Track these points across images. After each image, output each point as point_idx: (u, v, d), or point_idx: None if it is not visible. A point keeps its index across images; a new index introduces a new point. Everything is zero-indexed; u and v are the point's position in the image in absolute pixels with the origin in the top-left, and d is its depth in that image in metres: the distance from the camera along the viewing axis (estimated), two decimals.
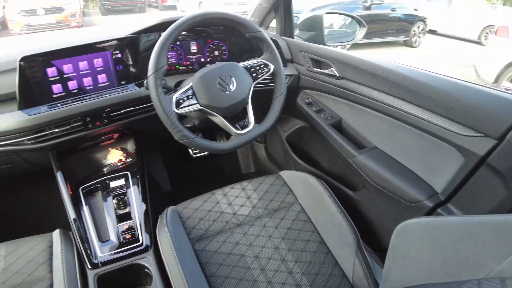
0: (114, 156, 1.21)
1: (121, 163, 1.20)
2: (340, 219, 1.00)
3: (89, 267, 0.93)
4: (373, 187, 1.09)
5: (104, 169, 1.17)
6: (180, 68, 1.27)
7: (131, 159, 1.22)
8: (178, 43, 1.23)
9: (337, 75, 1.19)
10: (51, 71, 1.03)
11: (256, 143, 1.88)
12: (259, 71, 1.05)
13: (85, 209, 1.04)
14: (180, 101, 0.92)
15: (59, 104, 1.05)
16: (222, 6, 8.23)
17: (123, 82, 1.14)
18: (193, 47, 1.25)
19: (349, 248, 0.94)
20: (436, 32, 8.52)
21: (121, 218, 1.03)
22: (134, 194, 1.08)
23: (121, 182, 1.11)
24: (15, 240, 0.99)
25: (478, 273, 0.52)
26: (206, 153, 1.67)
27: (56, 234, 1.00)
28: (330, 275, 0.92)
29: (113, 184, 1.10)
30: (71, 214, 1.02)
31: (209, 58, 1.29)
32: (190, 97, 0.94)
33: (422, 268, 0.63)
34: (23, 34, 6.85)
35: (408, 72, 0.99)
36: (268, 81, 1.14)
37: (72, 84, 1.07)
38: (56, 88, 1.05)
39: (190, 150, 1.67)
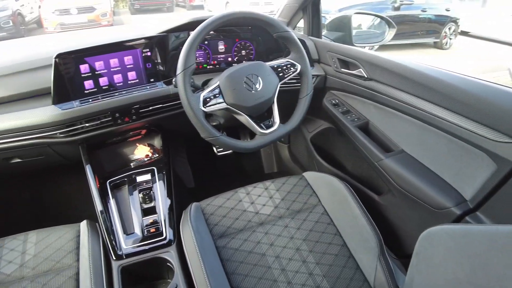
0: (141, 152, 1.24)
1: (148, 158, 1.23)
2: (363, 222, 0.98)
3: (114, 258, 0.96)
4: (398, 191, 1.06)
5: (131, 164, 1.21)
6: (208, 67, 1.28)
7: (157, 155, 1.25)
8: (206, 42, 1.25)
9: (365, 76, 1.17)
10: (83, 68, 1.07)
11: (279, 143, 1.87)
12: (286, 71, 1.05)
13: (112, 202, 1.07)
14: (207, 99, 0.94)
15: (90, 100, 1.09)
16: (249, 6, 8.25)
17: (152, 80, 1.16)
18: (221, 47, 1.27)
19: (372, 253, 0.92)
20: (469, 33, 8.19)
21: (146, 212, 1.06)
22: (159, 189, 1.11)
23: (147, 177, 1.14)
24: (45, 228, 1.04)
25: (508, 285, 0.49)
26: (230, 151, 1.68)
27: (84, 224, 1.03)
28: (351, 279, 0.90)
29: (139, 178, 1.13)
30: (98, 206, 1.06)
31: (236, 58, 1.30)
32: (217, 95, 0.95)
33: (447, 277, 0.61)
34: (57, 33, 7.15)
35: (439, 74, 0.96)
36: (294, 81, 1.14)
37: (103, 81, 1.11)
38: (88, 84, 1.09)
39: (214, 148, 1.69)
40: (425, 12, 6.71)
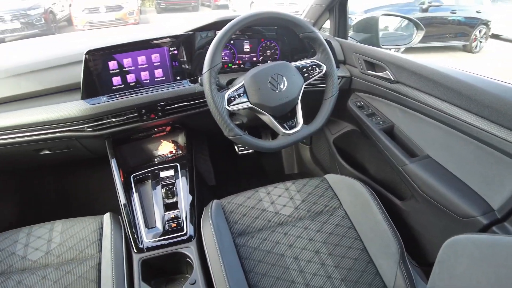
0: (165, 148, 1.27)
1: (171, 154, 1.25)
2: (385, 228, 0.97)
3: (135, 250, 0.98)
4: (422, 197, 1.04)
5: (155, 160, 1.23)
6: (233, 66, 1.29)
7: (181, 152, 1.27)
8: (232, 42, 1.26)
9: (392, 79, 1.15)
10: (112, 64, 1.10)
11: (301, 145, 1.86)
12: (311, 71, 1.05)
13: (135, 196, 1.09)
14: (232, 98, 0.94)
15: (117, 96, 1.12)
16: (274, 6, 8.25)
17: (178, 78, 1.18)
18: (246, 46, 1.28)
19: (392, 259, 0.91)
20: (500, 36, 7.88)
21: (168, 207, 1.07)
22: (182, 185, 1.13)
23: (171, 172, 1.15)
24: (70, 218, 1.08)
25: None
26: (251, 151, 1.69)
27: (107, 217, 1.06)
28: (370, 285, 0.89)
29: (162, 174, 1.15)
30: (122, 199, 1.08)
31: (261, 58, 1.30)
32: (241, 95, 0.95)
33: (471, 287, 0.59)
34: (85, 30, 7.38)
35: (468, 78, 0.93)
36: (319, 82, 1.13)
37: (130, 77, 1.13)
38: (116, 80, 1.12)
39: (236, 147, 1.70)
40: (454, 14, 6.50)
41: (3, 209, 1.60)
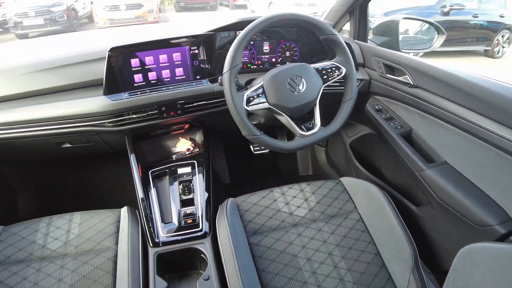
0: (183, 145, 1.29)
1: (189, 152, 1.27)
2: (399, 233, 0.96)
3: (151, 245, 1.00)
4: (438, 204, 1.03)
5: (173, 156, 1.25)
6: (252, 67, 1.30)
7: (198, 150, 1.28)
8: (252, 42, 1.27)
9: (412, 83, 1.14)
10: (134, 62, 1.13)
11: (317, 146, 1.86)
12: (330, 73, 1.05)
13: (153, 191, 1.12)
14: (251, 98, 0.95)
15: (138, 92, 1.14)
16: (292, 7, 8.23)
17: (198, 77, 1.20)
18: (266, 47, 1.28)
19: (406, 265, 0.90)
20: None
21: (185, 203, 1.09)
22: (198, 182, 1.14)
23: (188, 169, 1.17)
24: (88, 211, 1.11)
25: None
26: (266, 151, 1.70)
27: (124, 210, 1.09)
28: None
29: (180, 170, 1.17)
30: (140, 194, 1.10)
31: (280, 59, 1.31)
32: (260, 95, 0.96)
33: None
34: (105, 28, 7.52)
35: (489, 85, 0.92)
36: (338, 84, 1.13)
37: (151, 75, 1.16)
38: (138, 77, 1.15)
39: (251, 147, 1.71)
40: (476, 18, 6.35)
41: (24, 199, 1.65)
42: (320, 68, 1.05)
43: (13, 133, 1.14)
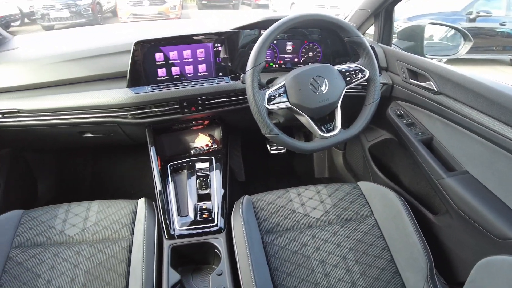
0: (201, 141, 1.30)
1: (207, 148, 1.28)
2: (415, 240, 0.95)
3: (166, 237, 1.01)
4: (457, 214, 1.01)
5: (191, 151, 1.27)
6: (274, 66, 1.30)
7: (216, 146, 1.30)
8: (275, 42, 1.27)
9: (435, 89, 1.12)
10: (158, 56, 1.14)
11: (334, 149, 1.85)
12: (354, 75, 1.04)
13: (170, 184, 1.13)
14: (272, 97, 0.96)
15: (161, 87, 1.16)
16: (315, 8, 8.18)
17: (220, 74, 1.21)
18: (289, 47, 1.28)
19: (420, 274, 0.89)
20: None
21: (201, 197, 1.10)
22: (216, 178, 1.15)
23: (206, 165, 1.19)
24: (106, 200, 1.13)
25: None
26: (283, 151, 1.69)
27: (141, 201, 1.10)
28: None
29: (198, 165, 1.18)
30: (158, 186, 1.12)
31: (303, 59, 1.31)
32: (281, 94, 0.96)
33: None
34: (128, 22, 7.66)
35: None
36: (360, 87, 1.12)
37: (175, 70, 1.17)
38: (161, 72, 1.16)
39: (268, 146, 1.71)
40: (504, 26, 6.16)
41: (44, 185, 1.70)
42: (343, 70, 1.04)
43: (39, 121, 1.18)
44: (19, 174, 1.56)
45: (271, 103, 0.95)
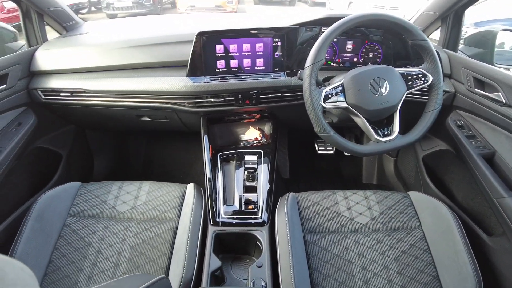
0: (252, 134, 1.32)
1: (257, 141, 1.30)
2: (465, 260, 0.89)
3: (211, 223, 1.04)
4: None
5: (241, 143, 1.29)
6: (332, 64, 1.29)
7: (265, 140, 1.31)
8: (335, 40, 1.25)
9: (504, 101, 1.04)
10: (219, 48, 1.17)
11: (386, 155, 1.79)
12: (416, 80, 1.00)
13: (219, 173, 1.16)
14: (329, 96, 0.94)
15: (219, 78, 1.19)
16: (373, 8, 7.90)
17: (276, 69, 1.22)
18: (349, 46, 1.26)
19: None
20: None
21: (248, 189, 1.12)
22: (263, 172, 1.17)
23: (254, 158, 1.20)
24: (157, 181, 1.18)
25: None
26: (331, 151, 1.67)
27: (191, 186, 1.14)
28: None
29: (247, 158, 1.21)
30: (208, 173, 1.16)
31: (362, 59, 1.28)
32: (338, 93, 0.95)
33: None
34: (187, 14, 7.90)
35: None
36: (420, 93, 1.07)
37: (233, 63, 1.20)
38: (220, 63, 1.19)
39: (316, 146, 1.69)
40: None
41: (100, 162, 1.82)
42: (405, 73, 1.00)
43: (102, 101, 1.26)
44: (80, 150, 1.68)
45: (327, 101, 0.94)
